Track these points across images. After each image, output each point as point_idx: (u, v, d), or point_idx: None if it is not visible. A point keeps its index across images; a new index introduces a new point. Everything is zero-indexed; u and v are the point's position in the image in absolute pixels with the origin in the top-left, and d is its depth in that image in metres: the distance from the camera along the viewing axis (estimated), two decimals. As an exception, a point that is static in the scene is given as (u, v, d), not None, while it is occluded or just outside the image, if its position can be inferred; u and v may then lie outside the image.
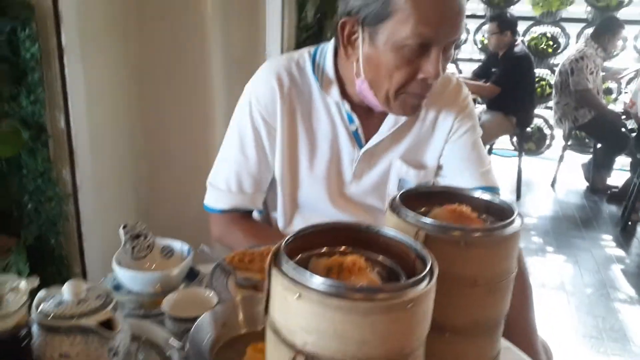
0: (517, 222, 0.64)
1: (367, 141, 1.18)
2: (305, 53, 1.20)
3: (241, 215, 1.25)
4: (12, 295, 0.67)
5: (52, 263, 1.64)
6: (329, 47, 1.18)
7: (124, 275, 0.95)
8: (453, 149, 1.20)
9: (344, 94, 1.16)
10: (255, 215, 1.33)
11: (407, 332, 0.48)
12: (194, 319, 0.81)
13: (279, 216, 1.25)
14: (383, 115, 1.17)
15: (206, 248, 1.13)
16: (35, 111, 1.53)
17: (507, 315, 0.67)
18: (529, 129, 4.91)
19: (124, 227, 1.05)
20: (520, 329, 1.07)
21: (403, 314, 0.47)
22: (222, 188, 1.23)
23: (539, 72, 5.17)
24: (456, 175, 1.20)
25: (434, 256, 0.54)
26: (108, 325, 0.73)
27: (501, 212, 0.68)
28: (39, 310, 0.73)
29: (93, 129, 1.63)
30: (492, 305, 0.64)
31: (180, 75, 1.78)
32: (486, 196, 0.71)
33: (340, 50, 1.11)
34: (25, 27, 1.45)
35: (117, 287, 0.99)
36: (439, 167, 1.23)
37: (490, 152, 4.55)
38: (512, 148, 4.91)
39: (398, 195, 0.69)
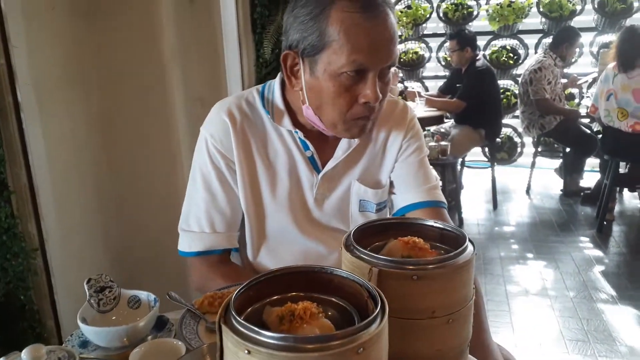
0: (469, 250, 0.65)
1: (323, 166, 1.21)
2: (253, 90, 1.25)
3: (219, 259, 1.24)
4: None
5: (23, 319, 1.60)
6: (276, 81, 1.22)
7: (90, 332, 0.93)
8: (402, 167, 1.26)
9: (296, 123, 1.19)
10: (232, 255, 1.33)
11: (361, 375, 0.48)
12: (162, 373, 0.80)
13: (247, 248, 1.25)
14: (337, 140, 1.21)
15: (175, 294, 1.12)
16: (-5, 169, 1.52)
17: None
18: (498, 139, 5.00)
19: (88, 281, 1.03)
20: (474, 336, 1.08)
21: (356, 358, 0.47)
22: (195, 230, 1.23)
23: (503, 83, 5.31)
24: (405, 191, 1.26)
25: (390, 292, 0.54)
26: (70, 389, 0.71)
27: (455, 240, 0.69)
28: (-3, 380, 0.72)
29: (56, 181, 1.62)
30: (454, 334, 0.64)
31: (143, 119, 1.79)
32: (439, 225, 0.72)
33: (287, 81, 1.15)
34: (-21, 86, 1.45)
35: (84, 344, 0.97)
36: (391, 184, 1.28)
37: (462, 164, 4.61)
38: (485, 159, 4.99)
39: (352, 232, 0.69)
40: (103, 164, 1.79)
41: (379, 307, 0.51)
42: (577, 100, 5.20)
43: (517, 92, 4.64)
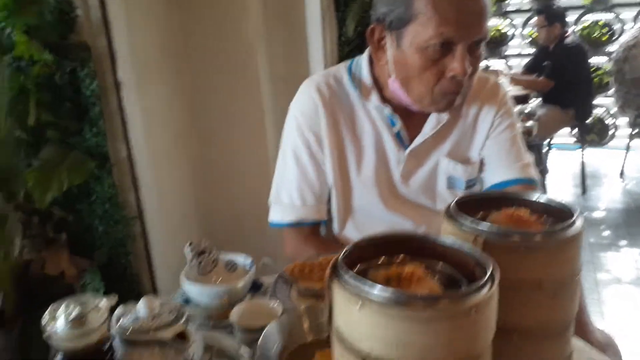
0: (579, 223, 0.63)
1: (411, 142, 1.20)
2: (341, 67, 1.26)
3: (310, 230, 1.28)
4: (94, 313, 0.72)
5: (124, 280, 1.74)
6: (363, 57, 1.22)
7: (193, 290, 1.00)
8: (493, 144, 1.22)
9: (384, 98, 1.19)
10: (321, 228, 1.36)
11: (471, 338, 0.49)
12: (261, 329, 0.85)
13: (334, 222, 1.28)
14: (425, 116, 1.19)
15: (268, 260, 1.17)
16: (98, 142, 1.64)
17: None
18: (589, 121, 4.70)
19: (190, 244, 1.10)
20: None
21: (466, 320, 0.48)
22: (285, 202, 1.27)
23: (595, 61, 4.94)
24: (497, 168, 1.22)
25: (495, 262, 0.54)
26: (182, 337, 0.77)
27: (560, 214, 0.67)
28: (118, 326, 0.79)
29: (153, 155, 1.72)
30: (560, 308, 0.63)
31: (231, 98, 1.85)
32: (544, 198, 0.70)
33: (373, 55, 1.16)
34: (84, 67, 1.56)
35: (187, 302, 1.04)
36: (481, 161, 1.24)
37: (549, 146, 4.38)
38: (573, 141, 4.71)
39: (454, 202, 0.69)
40: (194, 139, 1.88)
41: (489, 272, 0.51)
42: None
43: (610, 70, 4.31)
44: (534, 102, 4.23)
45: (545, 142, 4.15)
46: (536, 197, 0.71)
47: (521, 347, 0.63)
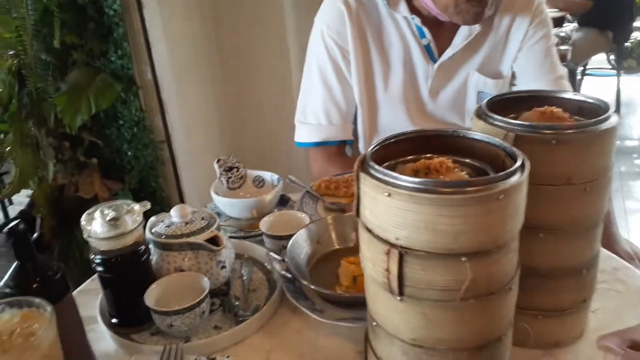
0: (613, 119, 0.61)
1: (440, 55, 1.17)
2: None
3: (336, 150, 1.28)
4: (129, 216, 0.74)
5: (154, 203, 1.79)
6: None
7: (223, 203, 1.03)
8: (526, 56, 1.18)
9: (412, 9, 1.14)
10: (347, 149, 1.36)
11: (499, 224, 0.49)
12: (290, 237, 0.87)
13: (359, 141, 1.27)
14: (455, 27, 1.15)
15: (293, 178, 1.18)
16: (124, 65, 1.64)
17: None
18: (627, 44, 4.46)
19: (218, 161, 1.11)
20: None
21: (495, 205, 0.48)
22: (311, 122, 1.26)
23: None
24: (529, 81, 1.18)
25: (525, 155, 0.53)
26: (214, 242, 0.80)
27: (595, 113, 0.65)
28: (152, 231, 0.82)
29: (177, 78, 1.72)
30: (589, 204, 0.62)
31: (254, 16, 1.81)
32: (578, 96, 0.68)
33: None
34: (105, -15, 1.54)
35: (217, 215, 1.07)
36: (513, 75, 1.20)
37: (583, 72, 4.21)
38: (610, 67, 4.50)
39: (484, 103, 0.67)
40: (216, 64, 1.86)
41: (519, 161, 0.51)
42: None
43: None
44: (569, 26, 4.03)
45: (580, 69, 3.98)
46: (570, 94, 0.68)
47: (548, 243, 0.63)
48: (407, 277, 0.52)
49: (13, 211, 3.50)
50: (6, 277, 0.62)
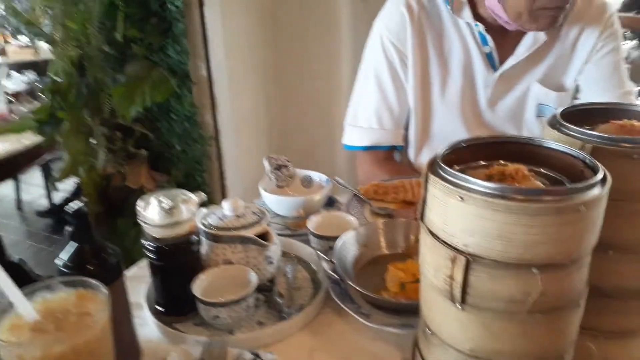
0: (700, 136, 0.57)
1: (502, 64, 1.14)
2: None
3: (385, 155, 1.27)
4: (185, 205, 0.75)
5: (198, 198, 1.82)
6: None
7: (271, 200, 1.03)
8: (594, 69, 1.14)
9: (476, 16, 1.12)
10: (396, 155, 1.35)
11: (577, 236, 0.46)
12: (336, 238, 0.86)
13: (410, 147, 1.26)
14: (519, 36, 1.12)
15: (341, 180, 1.17)
16: (180, 60, 1.67)
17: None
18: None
19: (269, 158, 1.11)
20: None
21: (574, 217, 0.45)
22: (363, 126, 1.25)
23: None
24: (595, 95, 1.14)
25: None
26: (263, 237, 0.80)
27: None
28: (204, 222, 0.82)
29: (231, 75, 1.74)
30: (667, 225, 0.58)
31: (308, 17, 1.81)
32: (659, 111, 0.64)
33: None
34: (171, -18, 1.57)
35: (264, 212, 1.07)
36: (577, 88, 1.17)
37: None
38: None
39: (558, 112, 0.65)
40: (270, 64, 1.87)
41: (601, 174, 0.48)
42: None
43: None
44: (629, 44, 3.89)
45: (638, 88, 3.84)
46: (650, 110, 0.65)
47: (616, 263, 0.60)
48: (472, 285, 0.50)
49: (57, 197, 3.63)
50: (65, 257, 0.63)
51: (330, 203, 1.09)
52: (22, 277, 0.59)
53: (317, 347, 0.74)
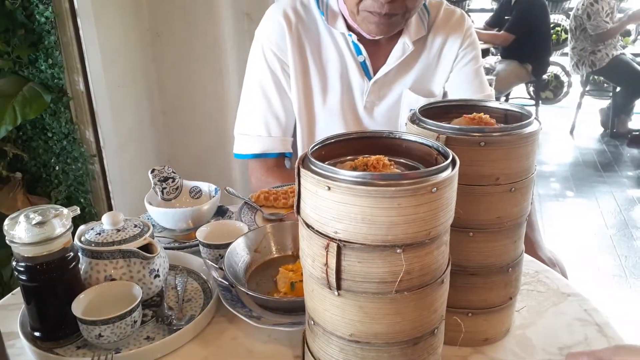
0: (535, 124, 0.66)
1: (375, 72, 1.21)
2: None
3: (275, 162, 1.29)
4: (57, 220, 0.71)
5: (83, 221, 1.71)
6: None
7: (157, 213, 1.00)
8: (457, 76, 1.25)
9: (350, 26, 1.19)
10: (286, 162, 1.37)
11: (433, 216, 0.51)
12: (227, 246, 0.86)
13: (299, 153, 1.29)
14: (390, 46, 1.20)
15: (231, 189, 1.17)
16: (54, 74, 1.57)
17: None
18: (545, 77, 4.83)
19: (152, 170, 1.08)
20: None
21: (428, 197, 0.50)
22: (251, 134, 1.27)
23: (554, 17, 5.05)
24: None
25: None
26: (147, 250, 0.77)
27: (519, 120, 0.69)
28: (82, 239, 0.78)
29: (111, 89, 1.67)
30: (515, 204, 0.66)
31: (192, 32, 1.80)
32: (504, 105, 0.73)
33: None
34: (37, -9, 1.48)
35: (151, 226, 1.04)
36: (444, 94, 1.27)
37: (506, 101, 4.49)
38: (529, 97, 4.83)
39: (417, 110, 0.71)
40: (153, 77, 1.82)
41: (450, 158, 0.53)
42: (632, 37, 4.92)
43: (569, 26, 4.41)
44: (493, 58, 4.31)
45: (503, 98, 4.26)
46: (496, 104, 0.73)
47: (477, 242, 0.67)
48: (345, 270, 0.52)
49: None
50: None
51: (222, 213, 1.08)
52: None
53: (209, 356, 0.73)
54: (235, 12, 1.86)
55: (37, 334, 0.74)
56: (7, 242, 0.69)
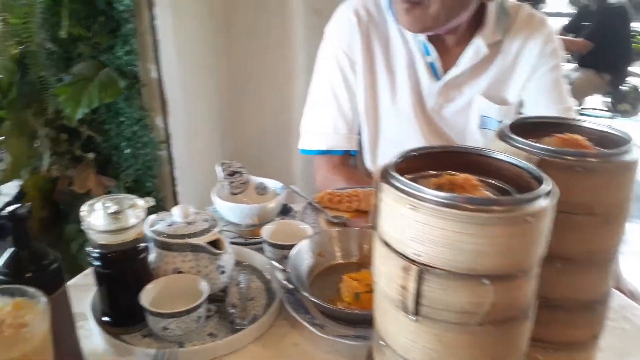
0: (636, 151, 0.60)
1: (444, 74, 1.18)
2: None
3: (340, 160, 1.28)
4: (131, 211, 0.72)
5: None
6: None
7: (224, 207, 1.00)
8: (536, 85, 1.18)
9: None
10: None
11: (525, 247, 0.48)
12: (291, 247, 0.85)
13: (364, 153, 1.27)
14: (460, 49, 1.16)
15: (295, 188, 1.16)
16: (129, 61, 1.62)
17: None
18: (623, 88, 4.55)
19: (222, 164, 1.09)
20: None
21: (522, 227, 0.46)
22: (317, 131, 1.26)
23: (635, 25, 4.74)
24: (538, 111, 1.17)
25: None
26: (215, 245, 0.78)
27: (616, 144, 0.64)
28: (153, 229, 0.79)
29: (183, 78, 1.70)
30: (609, 236, 0.61)
31: (263, 26, 1.80)
32: (600, 126, 0.67)
33: None
34: (118, -20, 1.52)
35: (216, 219, 1.04)
36: (520, 103, 1.21)
37: (579, 113, 4.28)
38: (605, 109, 4.57)
39: (506, 125, 0.66)
40: (223, 68, 1.84)
41: (549, 186, 0.50)
42: None
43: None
44: (568, 66, 4.11)
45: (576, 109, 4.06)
46: (592, 124, 0.68)
47: (564, 274, 0.62)
48: (425, 296, 0.50)
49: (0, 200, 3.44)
50: (1, 263, 0.59)
51: (286, 211, 1.08)
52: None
53: (271, 359, 0.72)
54: (306, 8, 1.85)
55: (105, 318, 0.76)
56: (84, 228, 0.70)
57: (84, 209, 0.71)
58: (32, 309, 0.54)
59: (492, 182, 0.57)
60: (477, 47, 1.14)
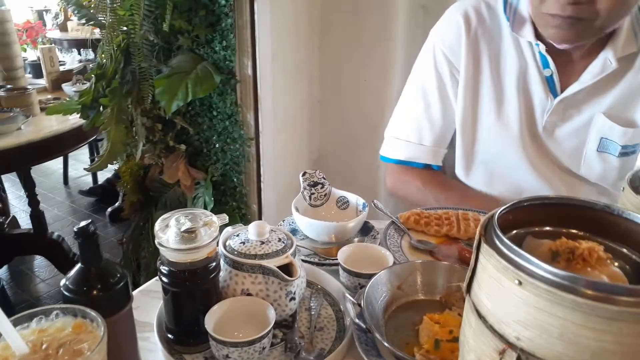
0: None
1: (563, 90, 1.03)
2: None
3: (418, 172, 1.19)
4: (205, 229, 0.69)
5: (233, 199, 1.77)
6: None
7: (303, 222, 0.95)
8: None
9: (539, 35, 1.02)
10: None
11: (665, 352, 0.37)
12: (369, 276, 0.78)
13: (458, 167, 1.16)
14: (586, 61, 1.01)
15: (379, 204, 1.09)
16: (226, 56, 1.62)
17: None
18: None
19: (303, 174, 1.04)
20: None
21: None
22: (400, 138, 1.18)
23: None
24: None
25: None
26: (287, 269, 0.73)
27: None
28: (226, 245, 0.76)
29: (276, 76, 1.67)
30: None
31: (361, 23, 1.73)
32: None
33: None
34: (222, -25, 1.52)
35: (293, 232, 1.00)
36: None
37: None
38: None
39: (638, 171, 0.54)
40: (315, 66, 1.80)
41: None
42: None
43: None
44: None
45: None
46: None
47: None
48: (522, 388, 0.41)
49: (102, 177, 3.70)
50: (68, 277, 0.58)
51: (366, 230, 1.01)
52: (60, 254, 0.55)
53: (334, 401, 0.66)
54: (411, 5, 1.75)
55: (169, 335, 0.73)
56: (156, 244, 0.68)
57: (157, 224, 0.69)
58: (91, 333, 0.52)
59: (622, 249, 0.46)
60: (605, 60, 0.99)
